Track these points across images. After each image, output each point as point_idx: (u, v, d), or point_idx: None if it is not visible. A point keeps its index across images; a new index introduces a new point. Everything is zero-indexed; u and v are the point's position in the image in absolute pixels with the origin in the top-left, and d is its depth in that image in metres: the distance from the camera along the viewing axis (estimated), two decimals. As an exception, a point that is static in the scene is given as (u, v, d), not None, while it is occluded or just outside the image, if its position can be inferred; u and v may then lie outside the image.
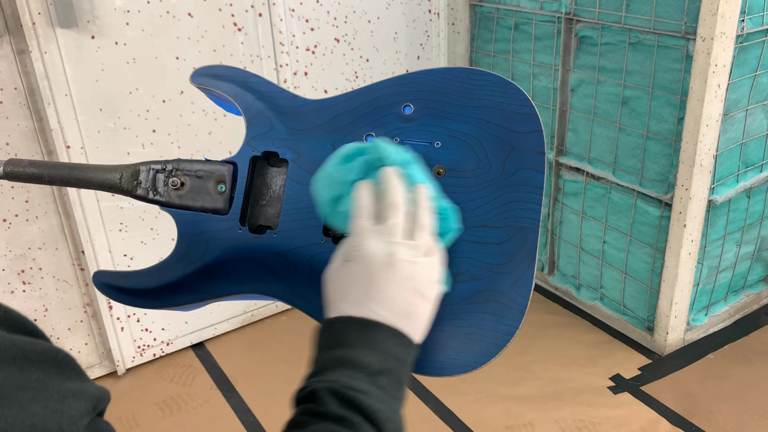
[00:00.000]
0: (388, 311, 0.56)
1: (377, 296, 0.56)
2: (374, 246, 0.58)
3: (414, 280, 0.58)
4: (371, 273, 0.57)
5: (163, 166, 0.71)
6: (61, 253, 1.92)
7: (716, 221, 1.97)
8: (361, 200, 0.61)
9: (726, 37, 1.66)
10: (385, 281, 0.57)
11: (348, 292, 0.58)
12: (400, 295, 0.57)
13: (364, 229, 0.59)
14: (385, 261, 0.57)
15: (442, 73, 0.68)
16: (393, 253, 0.58)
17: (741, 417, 1.82)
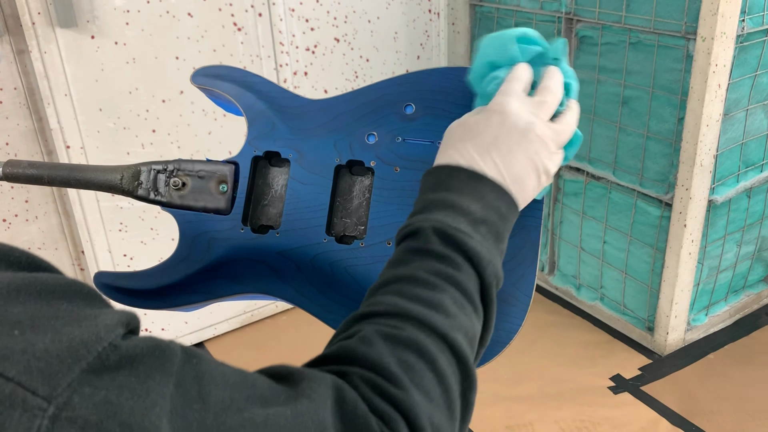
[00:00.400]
0: (505, 169, 0.56)
1: (503, 151, 0.57)
2: (520, 109, 0.58)
3: (540, 156, 0.58)
4: (508, 128, 0.57)
5: (164, 166, 0.71)
6: (61, 253, 1.92)
7: (716, 221, 1.96)
8: (520, 73, 0.61)
9: (726, 37, 1.66)
10: (516, 142, 0.57)
11: (479, 135, 0.57)
12: (523, 162, 0.57)
13: (516, 93, 0.59)
14: (524, 126, 0.57)
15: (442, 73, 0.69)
16: (534, 123, 0.58)
17: (741, 417, 1.82)
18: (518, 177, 0.57)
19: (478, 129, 0.58)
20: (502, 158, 0.56)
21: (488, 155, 0.56)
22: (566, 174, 2.20)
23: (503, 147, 0.57)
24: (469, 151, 0.57)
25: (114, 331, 0.34)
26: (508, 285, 0.63)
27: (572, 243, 2.27)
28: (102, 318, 0.35)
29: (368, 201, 0.68)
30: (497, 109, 0.58)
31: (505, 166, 0.56)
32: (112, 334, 0.34)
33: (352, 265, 0.65)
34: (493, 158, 0.56)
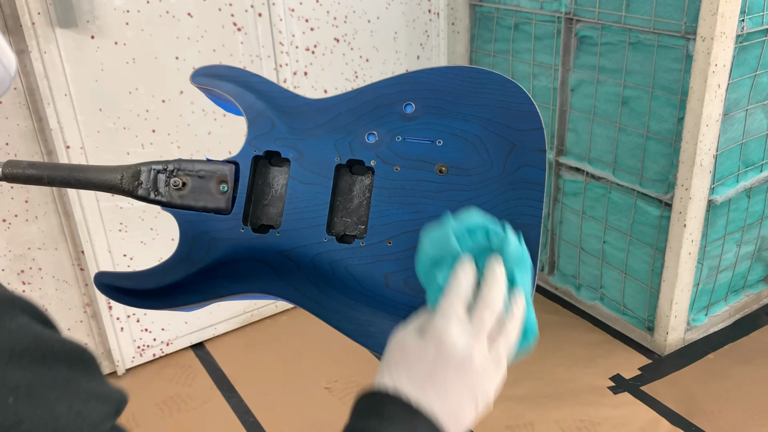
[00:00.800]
0: (441, 404, 0.54)
1: (439, 388, 0.54)
2: (458, 339, 0.55)
3: (476, 388, 0.56)
4: (443, 363, 0.55)
5: (164, 166, 0.71)
6: (60, 253, 1.92)
7: (716, 221, 1.97)
8: (461, 283, 0.58)
9: (726, 37, 1.66)
10: (453, 374, 0.55)
11: (414, 365, 0.55)
12: (460, 395, 0.55)
13: (454, 316, 0.57)
14: (462, 358, 0.55)
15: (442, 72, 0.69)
16: (472, 356, 0.55)
17: (741, 417, 1.82)
18: (454, 411, 0.55)
19: (414, 358, 0.56)
20: (437, 393, 0.54)
21: (422, 389, 0.54)
22: (566, 174, 2.20)
23: (439, 381, 0.55)
24: (404, 381, 0.55)
25: (98, 428, 0.35)
26: None
27: (572, 243, 2.27)
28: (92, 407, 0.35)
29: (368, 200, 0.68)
30: (435, 337, 0.56)
31: (441, 401, 0.54)
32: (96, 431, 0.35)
33: (352, 264, 0.65)
34: (427, 393, 0.54)
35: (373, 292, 0.65)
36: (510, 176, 0.65)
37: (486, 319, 0.57)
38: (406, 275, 0.64)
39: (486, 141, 0.66)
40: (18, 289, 1.89)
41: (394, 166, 0.67)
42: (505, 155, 0.65)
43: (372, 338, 0.64)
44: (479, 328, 0.56)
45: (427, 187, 0.66)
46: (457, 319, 0.56)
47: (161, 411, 1.93)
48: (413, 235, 0.65)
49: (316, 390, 1.98)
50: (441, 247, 0.60)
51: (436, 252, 0.60)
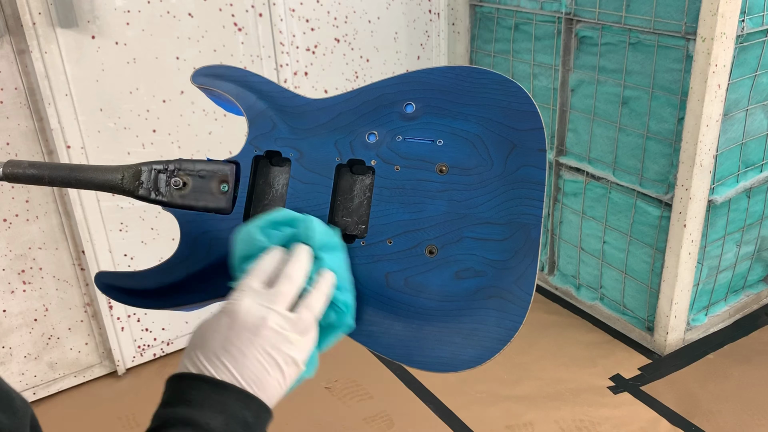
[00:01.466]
0: (240, 372, 0.54)
1: (235, 353, 0.55)
2: (249, 305, 0.56)
3: (277, 350, 0.56)
4: (237, 329, 0.55)
5: (165, 166, 0.71)
6: (61, 253, 1.92)
7: (716, 221, 1.97)
8: (262, 263, 0.60)
9: (726, 37, 1.66)
10: (247, 341, 0.55)
11: (208, 341, 0.56)
12: (259, 360, 0.55)
13: (248, 288, 0.58)
14: (254, 323, 0.55)
15: (443, 72, 0.69)
16: (265, 318, 0.56)
17: (741, 417, 1.83)
18: (256, 377, 0.55)
19: (209, 334, 0.56)
20: (234, 362, 0.54)
21: (219, 361, 0.54)
22: (566, 174, 2.20)
23: (234, 349, 0.55)
24: (200, 359, 0.55)
25: None
26: (508, 283, 0.63)
27: (572, 243, 2.27)
28: None
29: (369, 200, 0.68)
30: (226, 310, 0.57)
31: (238, 369, 0.54)
32: None
33: (353, 264, 0.65)
34: (225, 363, 0.54)
35: (374, 292, 0.65)
36: (510, 176, 0.65)
37: (283, 289, 0.58)
38: (406, 275, 0.65)
39: (486, 141, 0.66)
40: (18, 289, 1.89)
41: (395, 166, 0.67)
42: (505, 155, 0.65)
43: (372, 338, 0.64)
44: (274, 295, 0.57)
45: (428, 187, 0.66)
46: (251, 291, 0.57)
47: (161, 411, 1.93)
48: (414, 234, 0.65)
49: (316, 390, 1.98)
50: (248, 243, 0.62)
51: (245, 249, 0.62)
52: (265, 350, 0.55)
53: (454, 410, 1.88)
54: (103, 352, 2.08)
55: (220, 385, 0.53)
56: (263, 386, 0.55)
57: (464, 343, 0.62)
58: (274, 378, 0.56)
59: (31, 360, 1.96)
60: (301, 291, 0.59)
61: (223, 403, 0.53)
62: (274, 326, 0.56)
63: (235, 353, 0.55)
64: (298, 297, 0.59)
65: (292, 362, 0.57)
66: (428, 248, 0.65)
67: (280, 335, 0.56)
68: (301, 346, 0.57)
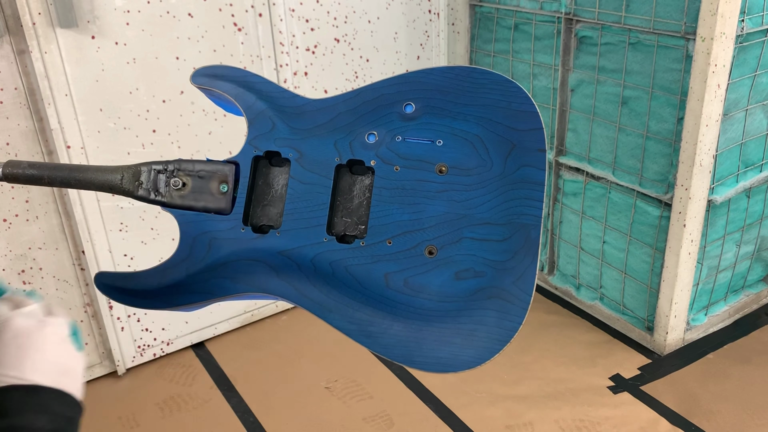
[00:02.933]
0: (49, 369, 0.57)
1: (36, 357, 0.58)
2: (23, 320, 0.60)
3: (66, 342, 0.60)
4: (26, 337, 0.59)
5: (164, 166, 0.71)
6: (61, 253, 1.92)
7: (716, 221, 1.97)
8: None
9: (726, 37, 1.66)
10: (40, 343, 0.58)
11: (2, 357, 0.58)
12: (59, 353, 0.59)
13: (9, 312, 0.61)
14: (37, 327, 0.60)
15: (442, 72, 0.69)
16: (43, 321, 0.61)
17: (741, 417, 1.83)
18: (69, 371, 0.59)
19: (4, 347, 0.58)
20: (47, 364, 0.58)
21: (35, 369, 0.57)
22: (566, 174, 2.20)
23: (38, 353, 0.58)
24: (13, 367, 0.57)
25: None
26: (508, 283, 0.63)
27: (572, 243, 2.27)
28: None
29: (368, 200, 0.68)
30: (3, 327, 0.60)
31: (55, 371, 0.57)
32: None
33: (352, 264, 0.65)
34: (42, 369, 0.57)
35: (374, 292, 0.65)
36: (510, 176, 0.65)
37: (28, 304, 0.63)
38: (406, 275, 0.65)
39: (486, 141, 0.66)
40: (18, 289, 1.89)
41: (394, 166, 0.67)
42: (505, 155, 0.65)
43: (372, 338, 0.64)
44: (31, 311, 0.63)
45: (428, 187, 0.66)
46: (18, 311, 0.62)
47: (161, 411, 1.93)
48: (413, 235, 0.65)
49: (316, 390, 1.98)
50: None
51: None
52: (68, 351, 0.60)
53: (454, 410, 1.88)
54: (103, 352, 2.08)
55: (33, 389, 0.55)
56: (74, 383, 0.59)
57: (464, 344, 0.62)
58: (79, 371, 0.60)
59: (31, 360, 1.96)
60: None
61: (42, 403, 0.55)
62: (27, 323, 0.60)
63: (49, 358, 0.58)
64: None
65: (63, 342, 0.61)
66: (428, 249, 0.65)
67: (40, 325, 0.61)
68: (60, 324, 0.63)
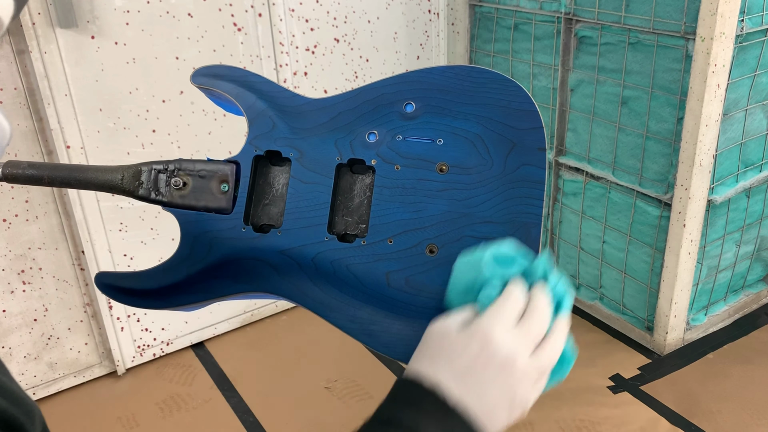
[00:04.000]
0: (477, 402, 0.53)
1: (478, 385, 0.54)
2: (504, 338, 0.55)
3: (517, 391, 0.55)
4: (486, 358, 0.54)
5: (164, 166, 0.71)
6: (61, 253, 1.92)
7: (716, 221, 1.97)
8: (514, 294, 0.57)
9: (725, 37, 1.66)
10: (493, 374, 0.54)
11: (456, 358, 0.55)
12: (497, 396, 0.54)
13: (505, 319, 0.56)
14: (505, 359, 0.54)
15: (442, 72, 0.69)
16: (515, 358, 0.55)
17: (741, 417, 1.83)
18: (489, 411, 0.54)
19: (456, 351, 0.55)
20: (475, 390, 0.53)
21: (462, 383, 0.53)
22: (566, 174, 2.20)
23: (478, 378, 0.54)
24: (444, 374, 0.54)
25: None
26: None
27: (571, 243, 2.27)
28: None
29: (369, 199, 0.68)
30: (480, 334, 0.55)
31: (477, 399, 0.53)
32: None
33: (353, 263, 0.66)
34: (467, 387, 0.53)
35: (375, 291, 0.65)
36: (510, 175, 0.65)
37: (533, 329, 0.56)
38: (407, 274, 0.65)
39: (486, 140, 0.66)
40: (18, 289, 1.89)
41: (395, 165, 0.67)
42: (505, 154, 0.66)
43: (374, 337, 0.64)
44: (525, 334, 0.56)
45: (428, 186, 0.66)
46: (505, 321, 0.56)
47: (161, 411, 1.93)
48: (414, 233, 0.65)
49: (316, 390, 1.98)
50: (476, 275, 0.59)
51: (469, 281, 0.59)
52: (505, 388, 0.54)
53: (453, 410, 1.88)
54: (103, 352, 2.08)
55: (451, 408, 0.53)
56: (493, 421, 0.54)
57: None
58: (503, 418, 0.55)
59: (30, 360, 1.96)
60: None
61: (450, 425, 0.52)
62: (521, 369, 0.55)
63: (478, 384, 0.54)
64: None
65: (522, 405, 0.56)
66: (429, 247, 0.65)
67: (525, 378, 0.55)
68: (535, 392, 0.57)
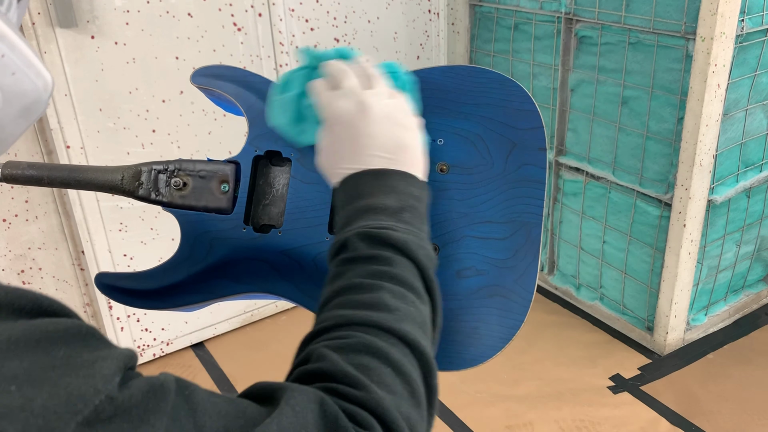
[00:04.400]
0: (382, 151, 0.59)
1: (367, 142, 0.59)
2: (343, 104, 0.61)
3: (391, 116, 0.61)
4: (351, 126, 0.60)
5: (165, 166, 0.71)
6: (60, 253, 1.92)
7: (716, 221, 1.97)
8: (316, 85, 0.64)
9: (726, 37, 1.66)
10: (366, 127, 0.60)
11: (340, 151, 0.61)
12: (386, 133, 0.60)
13: (328, 97, 0.62)
14: (359, 111, 0.60)
15: (443, 72, 0.69)
16: (362, 102, 0.61)
17: (741, 417, 1.83)
18: (397, 146, 0.60)
19: (335, 147, 0.61)
20: (371, 148, 0.59)
21: (362, 157, 0.59)
22: (566, 174, 2.20)
23: (365, 140, 0.60)
24: (347, 166, 0.60)
25: (111, 382, 0.35)
26: (509, 281, 0.63)
27: (572, 243, 2.27)
28: (99, 366, 0.35)
29: (369, 199, 0.68)
30: (329, 119, 0.62)
31: (379, 150, 0.59)
32: (109, 385, 0.35)
33: None
34: (368, 154, 0.59)
35: None
36: (511, 175, 0.65)
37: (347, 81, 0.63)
38: None
39: (487, 140, 0.66)
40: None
41: None
42: (505, 154, 0.66)
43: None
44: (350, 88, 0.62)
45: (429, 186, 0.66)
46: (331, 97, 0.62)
47: (161, 411, 1.93)
48: None
49: (316, 390, 1.98)
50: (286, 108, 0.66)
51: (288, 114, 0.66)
52: (383, 122, 0.60)
53: (453, 410, 1.88)
54: (103, 352, 2.07)
55: (379, 173, 0.58)
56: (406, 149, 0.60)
57: (465, 342, 0.62)
58: (408, 136, 0.61)
59: (30, 360, 1.96)
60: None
61: (390, 185, 0.57)
62: (373, 102, 0.61)
63: (367, 142, 0.60)
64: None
65: (408, 115, 0.63)
66: (429, 247, 0.65)
67: (383, 105, 0.61)
68: (402, 102, 0.63)
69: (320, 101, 0.63)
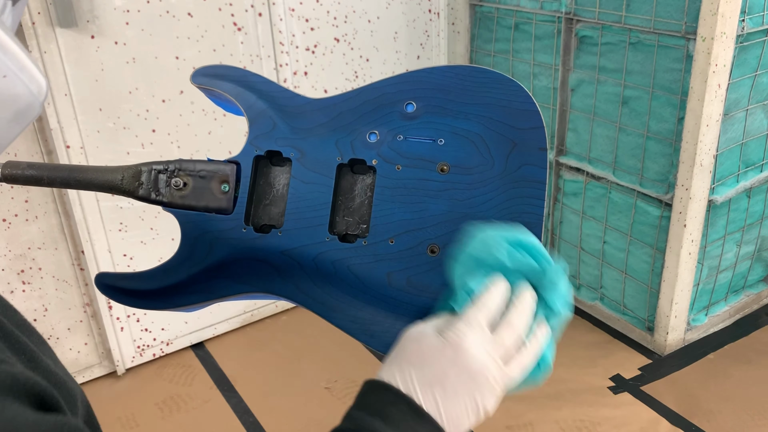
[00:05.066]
0: (445, 410, 0.55)
1: (448, 390, 0.55)
2: (477, 348, 0.56)
3: (485, 400, 0.57)
4: (459, 368, 0.55)
5: (165, 166, 0.71)
6: (60, 253, 1.92)
7: (716, 221, 1.97)
8: (490, 297, 0.59)
9: (726, 37, 1.66)
10: (463, 384, 0.55)
11: (427, 366, 0.56)
12: (465, 404, 0.56)
13: (478, 326, 0.57)
14: (477, 370, 0.56)
15: (443, 71, 0.69)
16: (487, 368, 0.56)
17: (741, 417, 1.83)
18: (457, 419, 0.55)
19: (428, 358, 0.56)
20: (445, 398, 0.55)
21: (431, 391, 0.55)
22: (566, 174, 2.20)
23: (449, 386, 0.55)
24: (413, 380, 0.55)
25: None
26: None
27: (572, 243, 2.27)
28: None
29: (370, 199, 0.68)
30: (453, 342, 0.56)
31: (445, 407, 0.55)
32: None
33: (355, 264, 0.65)
34: (435, 396, 0.55)
35: (376, 291, 0.65)
36: (511, 175, 0.65)
37: (507, 341, 0.57)
38: (408, 274, 0.64)
39: (487, 140, 0.66)
40: (18, 289, 1.89)
41: (396, 165, 0.67)
42: (506, 154, 0.65)
43: (375, 337, 0.64)
44: (499, 346, 0.57)
45: (429, 186, 0.66)
46: (480, 330, 0.57)
47: (161, 411, 1.93)
48: (415, 234, 0.65)
49: (315, 390, 1.98)
50: (488, 252, 0.60)
51: (483, 254, 0.60)
52: (474, 398, 0.56)
53: (454, 410, 1.88)
54: (103, 352, 2.07)
55: (422, 415, 0.54)
56: (457, 428, 0.56)
57: None
58: (468, 424, 0.57)
59: (30, 360, 1.95)
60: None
61: (416, 429, 0.53)
62: (492, 379, 0.56)
63: (448, 390, 0.55)
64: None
65: (486, 413, 0.58)
66: (430, 247, 0.65)
67: (494, 389, 0.57)
68: (497, 401, 0.58)
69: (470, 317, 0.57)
